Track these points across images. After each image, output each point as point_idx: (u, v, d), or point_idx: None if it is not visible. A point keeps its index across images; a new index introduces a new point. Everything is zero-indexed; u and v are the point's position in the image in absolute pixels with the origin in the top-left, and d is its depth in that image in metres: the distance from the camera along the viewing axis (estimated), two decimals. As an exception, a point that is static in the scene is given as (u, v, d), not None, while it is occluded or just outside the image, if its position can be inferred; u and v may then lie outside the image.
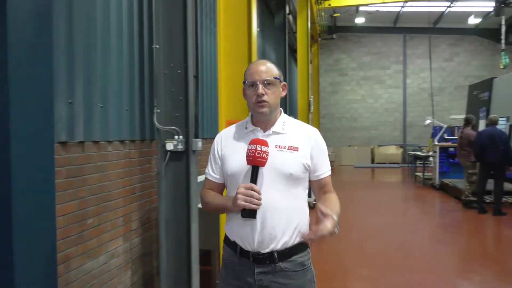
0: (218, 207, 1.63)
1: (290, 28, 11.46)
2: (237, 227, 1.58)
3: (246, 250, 1.57)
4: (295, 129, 1.63)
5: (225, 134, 1.70)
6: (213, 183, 1.68)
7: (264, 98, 1.54)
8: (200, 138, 2.96)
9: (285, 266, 1.56)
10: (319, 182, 1.65)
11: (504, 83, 9.98)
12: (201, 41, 4.45)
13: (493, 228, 6.46)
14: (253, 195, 1.44)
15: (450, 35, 17.00)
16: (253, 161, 1.47)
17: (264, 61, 1.62)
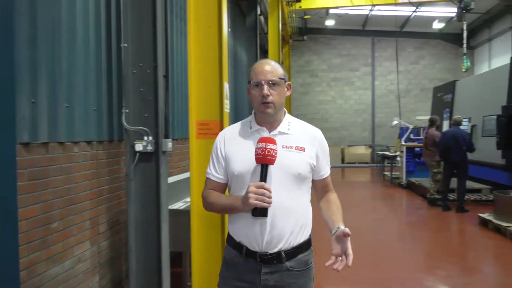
0: (224, 208, 1.62)
1: (262, 29, 11.50)
2: (244, 227, 1.57)
3: (253, 250, 1.57)
4: (300, 129, 1.65)
5: (228, 133, 1.68)
6: (215, 183, 1.66)
7: (269, 99, 1.54)
8: (171, 138, 2.92)
9: (291, 265, 1.58)
10: (322, 181, 1.70)
11: (466, 86, 10.43)
12: (171, 40, 4.40)
13: (456, 225, 6.73)
14: (265, 194, 1.43)
15: (415, 38, 17.57)
16: (263, 159, 1.47)
17: (269, 60, 1.61)
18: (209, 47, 2.55)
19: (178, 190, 3.97)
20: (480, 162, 8.69)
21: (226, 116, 2.63)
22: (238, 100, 9.00)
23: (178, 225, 3.27)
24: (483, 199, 8.06)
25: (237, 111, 8.84)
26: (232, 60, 8.33)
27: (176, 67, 4.62)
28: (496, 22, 15.18)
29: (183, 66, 4.76)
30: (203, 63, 2.58)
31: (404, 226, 6.87)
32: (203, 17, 2.54)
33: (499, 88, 7.94)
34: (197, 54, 2.57)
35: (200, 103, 2.61)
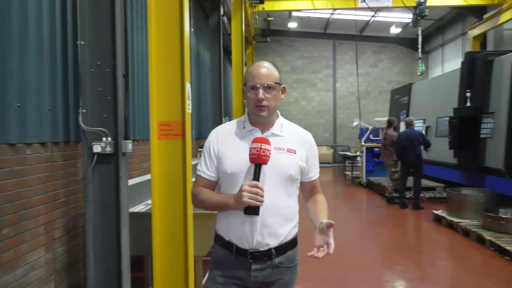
0: (216, 205, 1.63)
1: (225, 29, 11.48)
2: (235, 226, 1.60)
3: (243, 248, 1.60)
4: (292, 132, 1.70)
5: (221, 132, 1.70)
6: (206, 180, 1.68)
7: (264, 103, 1.58)
8: (131, 139, 2.85)
9: (280, 262, 1.63)
10: (311, 183, 1.75)
11: (421, 88, 10.91)
12: (131, 38, 4.29)
13: (412, 222, 7.02)
14: (258, 193, 1.47)
15: (374, 42, 18.19)
16: (257, 159, 1.50)
17: (265, 64, 1.64)
18: (170, 47, 2.51)
19: (139, 193, 3.87)
20: (434, 161, 9.12)
21: (188, 116, 2.59)
22: (201, 100, 8.92)
23: (139, 228, 3.19)
24: (437, 197, 8.47)
25: (200, 111, 8.76)
26: (195, 60, 8.25)
27: (136, 66, 4.51)
28: (448, 28, 16.01)
29: (144, 66, 4.66)
30: (164, 63, 2.54)
31: (364, 224, 7.08)
32: (164, 16, 2.49)
33: (451, 91, 8.37)
34: (158, 53, 2.52)
35: (161, 103, 2.56)
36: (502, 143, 6.55)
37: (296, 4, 11.92)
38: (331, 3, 11.90)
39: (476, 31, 12.62)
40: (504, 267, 4.44)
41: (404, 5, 11.30)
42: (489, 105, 7.08)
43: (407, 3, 11.24)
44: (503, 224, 5.22)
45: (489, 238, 5.03)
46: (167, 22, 2.49)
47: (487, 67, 7.15)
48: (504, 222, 5.24)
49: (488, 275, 4.38)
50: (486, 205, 5.86)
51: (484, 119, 7.16)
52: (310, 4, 12.01)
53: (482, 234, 5.22)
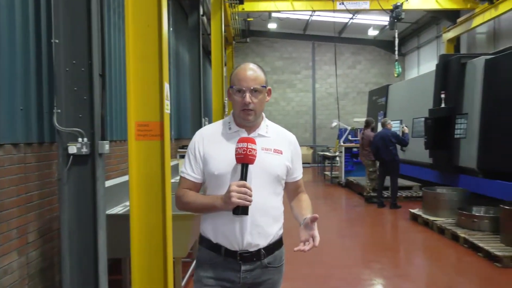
0: (203, 207, 1.61)
1: (205, 29, 11.42)
2: (223, 227, 1.59)
3: (232, 250, 1.59)
4: (277, 133, 1.71)
5: (207, 133, 1.68)
6: (191, 182, 1.66)
7: (250, 107, 1.57)
8: (108, 140, 2.80)
9: (269, 262, 1.64)
10: (295, 183, 1.77)
11: (398, 90, 11.14)
12: (108, 37, 4.21)
13: (390, 220, 7.16)
14: (247, 192, 1.46)
15: (352, 44, 18.46)
16: (244, 159, 1.49)
17: (252, 66, 1.64)
18: (148, 47, 2.47)
19: (117, 194, 3.81)
20: (410, 161, 9.33)
21: (166, 117, 2.57)
22: (181, 101, 8.84)
23: (117, 230, 3.14)
24: (413, 196, 8.66)
25: (179, 112, 8.68)
26: (174, 60, 8.17)
27: (114, 66, 4.43)
28: (424, 31, 16.41)
29: (121, 65, 4.58)
30: (142, 62, 2.50)
31: (343, 223, 7.18)
32: (141, 15, 2.46)
33: (426, 92, 8.58)
34: (135, 53, 2.48)
35: (139, 103, 2.52)
36: (475, 143, 6.75)
37: (275, 5, 11.98)
38: (310, 5, 12.02)
39: (450, 35, 12.99)
40: (477, 263, 4.58)
41: (381, 8, 11.51)
42: (462, 106, 7.30)
43: (384, 6, 11.47)
44: (476, 222, 5.38)
45: (463, 236, 5.18)
46: (145, 21, 2.45)
47: (460, 70, 7.37)
48: (477, 220, 5.40)
49: (462, 272, 4.50)
50: (460, 204, 6.03)
51: (458, 120, 7.37)
52: (290, 5, 12.10)
53: (456, 231, 5.37)
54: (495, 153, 6.31)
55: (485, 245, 4.73)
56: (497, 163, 6.26)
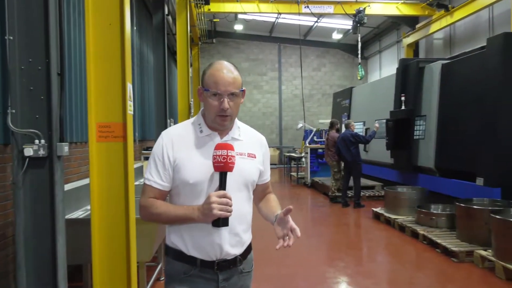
0: (176, 219, 1.47)
1: (170, 29, 11.26)
2: (200, 239, 1.48)
3: (209, 261, 1.50)
4: (249, 135, 1.64)
5: (176, 137, 1.52)
6: (157, 191, 1.50)
7: (228, 112, 1.48)
8: (67, 142, 2.69)
9: (243, 267, 1.59)
10: (264, 185, 1.72)
11: (361, 92, 11.46)
12: (68, 34, 4.06)
13: (354, 219, 7.34)
14: (228, 203, 1.38)
15: (317, 47, 18.80)
16: (224, 167, 1.40)
17: (230, 68, 1.50)
18: (110, 46, 2.40)
19: (77, 198, 3.67)
20: (373, 161, 9.62)
21: (129, 118, 2.50)
22: (145, 101, 8.66)
23: (77, 235, 3.02)
24: (376, 195, 8.93)
25: (143, 113, 8.50)
26: (138, 60, 7.99)
27: (74, 64, 4.27)
28: (385, 36, 16.97)
29: (82, 64, 4.43)
30: (103, 62, 2.42)
31: (308, 223, 7.28)
32: (103, 13, 2.38)
33: (388, 94, 8.88)
34: (96, 52, 2.40)
35: (101, 104, 2.44)
36: (432, 144, 7.05)
37: (242, 6, 12.00)
38: (276, 7, 12.13)
39: (409, 40, 13.53)
40: (435, 259, 4.78)
41: (344, 12, 11.81)
42: (421, 109, 7.60)
43: (348, 10, 11.77)
44: (434, 219, 5.62)
45: (422, 233, 5.39)
46: (106, 19, 2.38)
47: (419, 73, 7.68)
48: (435, 217, 5.64)
49: (421, 267, 4.69)
50: (419, 202, 6.28)
51: (417, 122, 7.68)
52: (256, 7, 12.16)
53: (416, 229, 5.58)
54: (451, 153, 6.62)
55: (443, 241, 4.95)
56: (452, 162, 6.57)
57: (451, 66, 6.93)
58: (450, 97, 6.76)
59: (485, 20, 10.95)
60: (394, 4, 12.34)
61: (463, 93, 6.41)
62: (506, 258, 4.05)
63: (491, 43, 5.75)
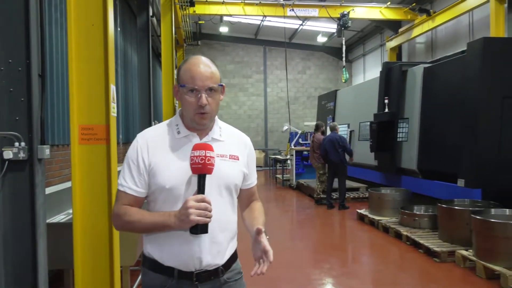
0: (152, 227, 1.35)
1: (154, 31, 11.17)
2: (177, 248, 1.37)
3: (188, 271, 1.38)
4: (231, 136, 1.52)
5: (151, 139, 1.42)
6: (132, 197, 1.39)
7: (206, 109, 1.37)
8: (49, 144, 2.64)
9: (228, 277, 1.47)
10: (249, 190, 1.59)
11: (345, 95, 11.57)
12: (50, 35, 3.99)
13: (339, 221, 7.39)
14: (207, 208, 1.27)
15: (302, 50, 18.94)
16: (202, 169, 1.29)
17: (205, 61, 1.41)
18: (93, 47, 2.37)
19: (59, 201, 3.61)
20: (357, 163, 9.71)
21: (113, 120, 2.47)
22: (129, 103, 8.56)
23: (58, 240, 2.97)
24: (360, 197, 9.02)
25: (127, 115, 8.40)
26: (122, 62, 7.90)
27: (56, 65, 4.20)
28: (369, 40, 17.21)
29: (64, 65, 4.35)
30: (86, 63, 2.39)
31: (294, 225, 7.30)
32: (85, 14, 2.35)
33: (371, 97, 8.99)
34: (79, 53, 2.37)
35: (83, 106, 2.41)
36: (415, 146, 7.17)
37: (227, 9, 12.00)
38: (261, 10, 12.17)
39: (392, 43, 13.75)
40: (418, 259, 4.85)
41: (329, 16, 11.93)
42: (404, 111, 7.73)
43: (332, 14, 11.90)
44: (417, 220, 5.70)
45: (405, 233, 5.47)
46: (89, 20, 2.35)
47: (401, 77, 7.80)
48: (417, 218, 5.73)
49: (405, 267, 4.75)
50: (403, 203, 6.37)
51: (400, 124, 7.79)
52: (241, 10, 12.17)
53: (399, 230, 5.65)
54: (433, 155, 6.74)
55: (425, 241, 5.03)
56: (434, 164, 6.69)
57: (432, 70, 7.07)
58: (432, 100, 6.89)
59: (465, 25, 11.22)
60: (378, 8, 12.53)
61: (444, 96, 6.54)
62: (486, 257, 4.14)
63: (471, 48, 5.89)
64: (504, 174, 5.34)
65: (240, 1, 12.01)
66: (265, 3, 12.27)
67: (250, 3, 12.11)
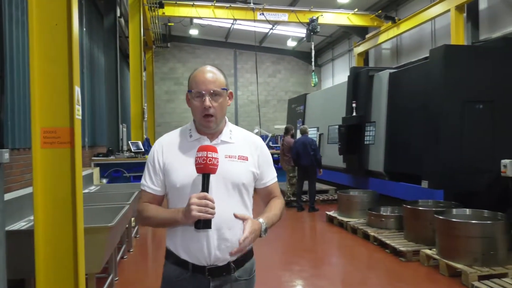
0: (164, 222, 1.51)
1: (122, 32, 10.94)
2: (189, 242, 1.49)
3: (200, 265, 1.50)
4: (242, 138, 1.63)
5: (167, 142, 1.59)
6: (151, 195, 1.57)
7: (211, 112, 1.49)
8: (8, 148, 2.52)
9: (239, 275, 1.56)
10: (266, 189, 1.69)
11: (315, 98, 11.75)
12: (9, 34, 3.82)
13: (309, 223, 7.47)
14: (208, 204, 1.37)
15: (273, 54, 19.10)
16: (204, 168, 1.40)
17: (211, 69, 1.56)
18: (56, 47, 2.29)
19: (20, 208, 3.45)
20: (327, 166, 9.87)
21: (77, 123, 2.39)
22: (96, 106, 8.33)
23: (19, 248, 2.83)
24: (330, 199, 9.16)
25: (94, 117, 8.17)
26: (88, 63, 7.68)
27: (17, 66, 4.03)
28: (337, 45, 17.59)
29: (26, 65, 4.18)
30: (49, 64, 2.30)
31: (264, 228, 7.31)
32: (48, 13, 2.27)
33: (340, 101, 9.17)
34: (41, 53, 2.28)
35: (46, 108, 2.32)
36: (382, 149, 7.37)
37: (197, 11, 11.93)
38: (231, 13, 12.19)
39: (360, 49, 14.11)
40: (385, 259, 4.98)
41: (298, 21, 12.10)
42: (371, 115, 7.93)
43: (301, 19, 12.08)
44: (383, 221, 5.85)
45: (373, 234, 5.60)
46: (53, 19, 2.27)
47: (368, 81, 8.01)
48: (384, 219, 5.88)
49: (373, 267, 4.86)
50: (370, 205, 6.51)
51: (367, 128, 7.99)
52: (211, 13, 12.14)
53: (367, 231, 5.78)
54: (398, 157, 6.95)
55: (392, 241, 5.17)
56: (400, 166, 6.90)
57: (397, 75, 7.30)
58: (398, 104, 7.12)
59: (428, 32, 11.69)
60: (346, 14, 12.83)
61: (408, 101, 6.77)
62: (448, 256, 4.31)
63: (433, 54, 6.13)
64: (464, 175, 5.58)
65: (210, 4, 11.98)
66: (235, 7, 12.30)
67: (220, 6, 12.10)
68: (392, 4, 12.92)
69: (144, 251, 5.76)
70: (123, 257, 4.97)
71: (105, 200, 4.66)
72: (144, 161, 7.14)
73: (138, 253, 5.47)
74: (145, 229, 6.82)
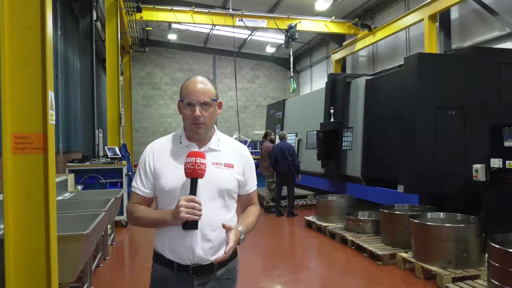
0: (153, 222, 1.60)
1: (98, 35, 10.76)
2: (174, 242, 1.58)
3: (184, 264, 1.59)
4: (229, 146, 1.71)
5: (158, 147, 1.68)
6: (141, 197, 1.66)
7: (200, 121, 1.58)
8: (-23, 154, 2.43)
9: (222, 274, 1.65)
10: (247, 196, 1.79)
11: (293, 104, 11.85)
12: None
13: (288, 228, 7.50)
14: (195, 206, 1.46)
15: (252, 59, 19.18)
16: (193, 173, 1.49)
17: (202, 79, 1.64)
18: (28, 50, 2.22)
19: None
20: (305, 171, 9.94)
21: (51, 128, 2.33)
22: (70, 110, 8.14)
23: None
24: (308, 204, 9.22)
25: (69, 123, 7.97)
26: (63, 67, 7.51)
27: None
28: (315, 51, 17.83)
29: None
30: (21, 67, 2.24)
31: (243, 234, 7.29)
32: (21, 15, 2.21)
33: (318, 107, 9.28)
34: (13, 56, 2.21)
35: (18, 113, 2.25)
36: (359, 154, 7.49)
37: (175, 16, 11.87)
38: (210, 19, 12.18)
39: (337, 56, 14.35)
40: (362, 262, 5.04)
41: (277, 27, 12.21)
42: (348, 121, 8.05)
43: (280, 25, 12.19)
44: (361, 225, 5.94)
45: (351, 238, 5.67)
46: (25, 22, 2.21)
47: (346, 88, 8.14)
48: (362, 223, 5.96)
49: (351, 271, 4.91)
50: (348, 209, 6.60)
51: (344, 133, 8.11)
52: (190, 18, 12.10)
53: (345, 235, 5.85)
54: (375, 162, 7.07)
55: (369, 245, 5.24)
56: (377, 171, 7.03)
57: (373, 82, 7.46)
58: (374, 110, 7.26)
59: (403, 40, 12.00)
60: (323, 22, 13.03)
61: (384, 107, 6.91)
62: (424, 259, 4.40)
63: (407, 62, 6.29)
64: (438, 179, 5.72)
65: (189, 9, 11.94)
66: (214, 12, 12.30)
67: (199, 11, 12.07)
68: (368, 13, 13.21)
69: (120, 259, 5.64)
70: (99, 266, 4.85)
71: (80, 207, 4.54)
72: (121, 167, 7.04)
73: (114, 261, 5.34)
74: (122, 236, 6.69)
